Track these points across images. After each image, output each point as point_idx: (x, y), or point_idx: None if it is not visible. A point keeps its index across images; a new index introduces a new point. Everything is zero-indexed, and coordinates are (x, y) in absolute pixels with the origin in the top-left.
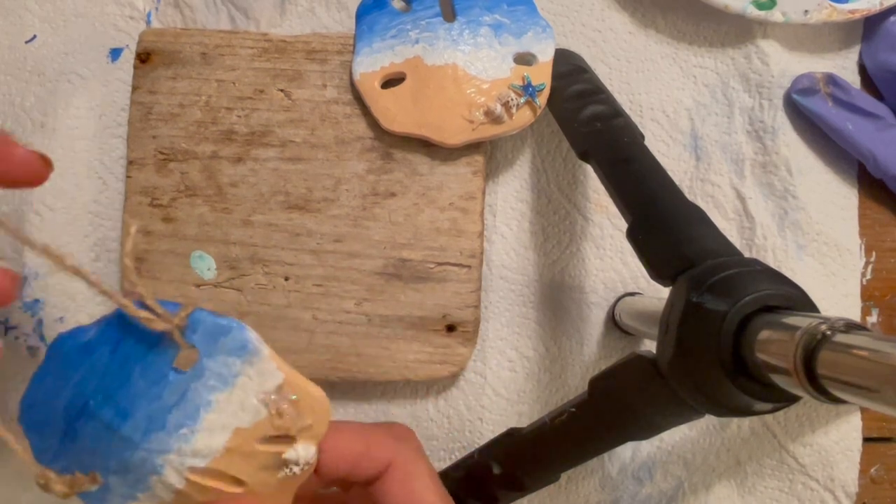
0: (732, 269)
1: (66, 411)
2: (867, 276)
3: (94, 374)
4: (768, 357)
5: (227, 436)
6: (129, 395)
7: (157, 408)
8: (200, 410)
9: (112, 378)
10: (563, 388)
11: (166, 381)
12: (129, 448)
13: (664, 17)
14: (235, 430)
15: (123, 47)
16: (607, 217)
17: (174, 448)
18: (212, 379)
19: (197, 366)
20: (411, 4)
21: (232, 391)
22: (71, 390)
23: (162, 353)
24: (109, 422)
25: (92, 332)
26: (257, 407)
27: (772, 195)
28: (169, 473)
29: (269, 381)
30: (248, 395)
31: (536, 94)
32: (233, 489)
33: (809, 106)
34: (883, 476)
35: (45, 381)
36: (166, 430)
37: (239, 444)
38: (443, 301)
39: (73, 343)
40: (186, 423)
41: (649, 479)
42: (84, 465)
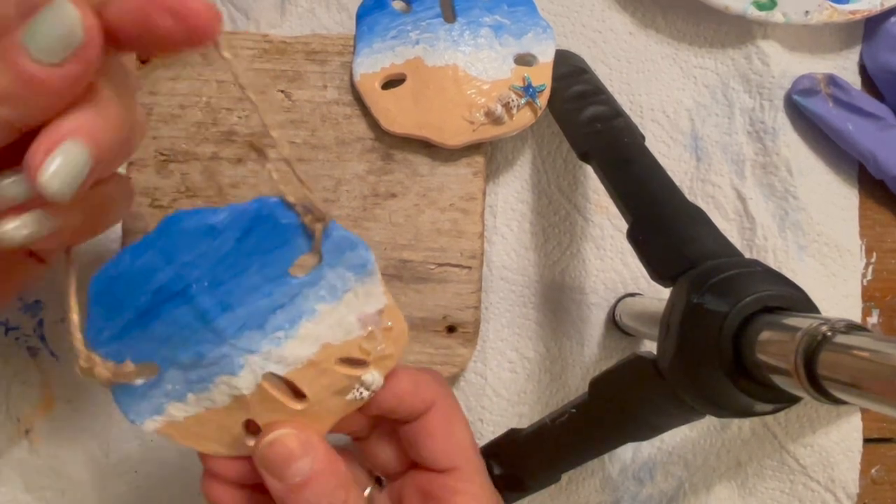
0: (733, 270)
1: (158, 291)
2: (868, 276)
3: (209, 258)
4: (769, 358)
5: (315, 349)
6: (240, 288)
7: (262, 306)
8: (302, 317)
9: (227, 267)
10: (563, 389)
11: (282, 281)
12: (216, 341)
13: (664, 17)
14: (324, 345)
15: None
16: (607, 217)
17: (263, 349)
18: (324, 289)
19: (315, 272)
20: (411, 5)
21: (337, 305)
22: (174, 270)
23: (286, 254)
24: (206, 311)
25: (222, 217)
26: (352, 326)
27: (772, 196)
28: (244, 375)
29: (372, 303)
30: (349, 313)
31: (537, 94)
32: (294, 404)
33: (810, 107)
34: (883, 477)
35: (143, 255)
36: (262, 330)
37: (321, 359)
38: (443, 302)
39: (197, 222)
40: (284, 326)
41: (650, 480)
42: (142, 353)
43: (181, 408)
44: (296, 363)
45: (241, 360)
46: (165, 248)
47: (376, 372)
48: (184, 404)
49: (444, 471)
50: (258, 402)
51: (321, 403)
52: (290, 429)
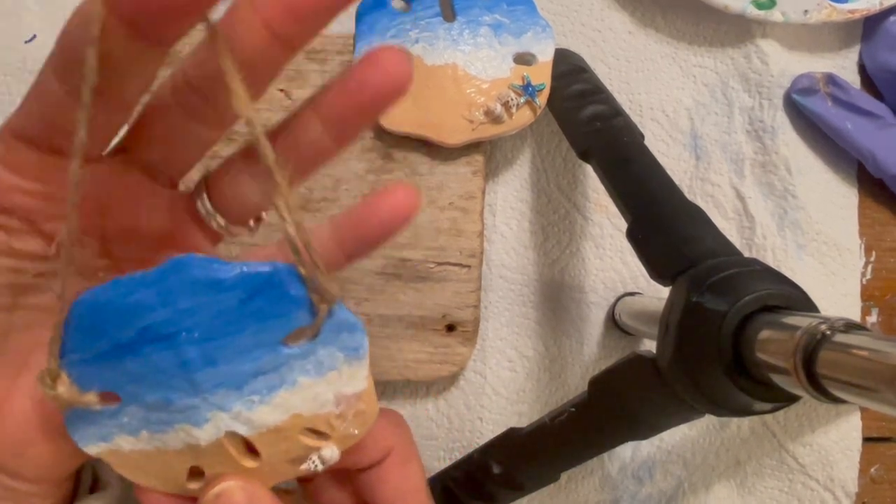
0: (732, 269)
1: (145, 329)
2: (867, 275)
3: (207, 311)
4: (768, 357)
5: (285, 417)
6: (229, 347)
7: (246, 369)
8: (282, 387)
9: (223, 323)
10: (562, 388)
11: (272, 349)
12: (189, 392)
13: (664, 16)
14: (294, 415)
15: None
16: (607, 217)
17: (233, 409)
18: (311, 364)
19: (307, 346)
20: (411, 4)
21: (318, 381)
22: (168, 313)
23: (285, 323)
24: (189, 361)
25: (233, 274)
26: (327, 402)
27: (771, 195)
28: (207, 429)
29: (353, 385)
30: (328, 390)
31: (536, 93)
32: (246, 462)
33: (809, 106)
34: (883, 476)
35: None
36: (239, 392)
37: (287, 427)
38: (443, 301)
39: (205, 273)
40: (261, 392)
41: (649, 479)
42: (107, 383)
43: (131, 441)
44: (261, 427)
45: (208, 414)
46: (165, 290)
47: (336, 448)
48: (135, 439)
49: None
50: (211, 454)
51: (273, 466)
52: (237, 481)
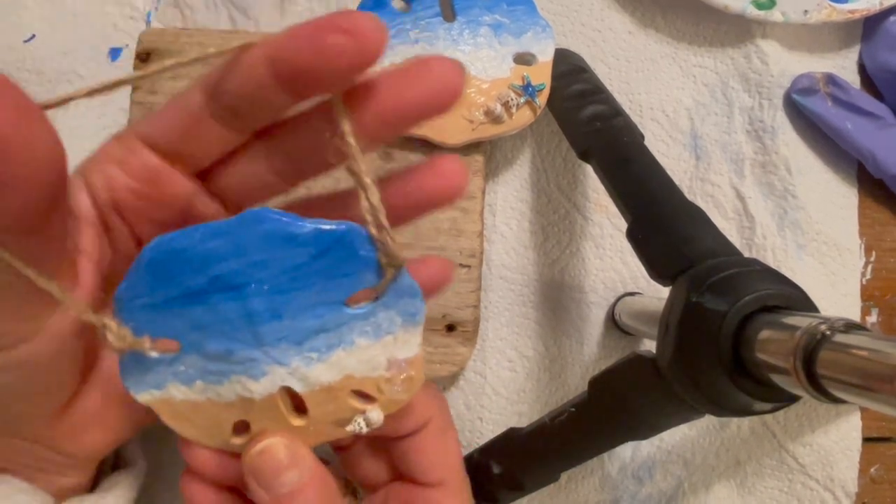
0: (732, 269)
1: (216, 279)
2: (867, 275)
3: (278, 265)
4: (768, 357)
5: (338, 377)
6: (295, 302)
7: (309, 325)
8: (338, 346)
9: (292, 278)
10: (562, 388)
11: (336, 307)
12: (251, 344)
13: (664, 16)
14: (347, 375)
15: (123, 47)
16: (607, 217)
17: (292, 365)
18: (370, 326)
19: (367, 308)
20: (411, 4)
21: (375, 343)
22: (239, 264)
23: (351, 283)
24: (255, 313)
25: (306, 229)
26: (379, 365)
27: (771, 195)
28: (263, 382)
29: (406, 351)
30: (382, 353)
31: (536, 93)
32: (294, 420)
33: (809, 106)
34: (883, 476)
35: (215, 240)
36: (299, 347)
37: (338, 387)
38: (442, 301)
39: (280, 227)
40: (320, 349)
41: (649, 479)
42: (170, 330)
43: (184, 391)
44: (315, 385)
45: (267, 367)
46: (240, 241)
47: (381, 412)
48: (188, 388)
49: (432, 485)
50: (262, 408)
51: (319, 425)
52: (280, 438)
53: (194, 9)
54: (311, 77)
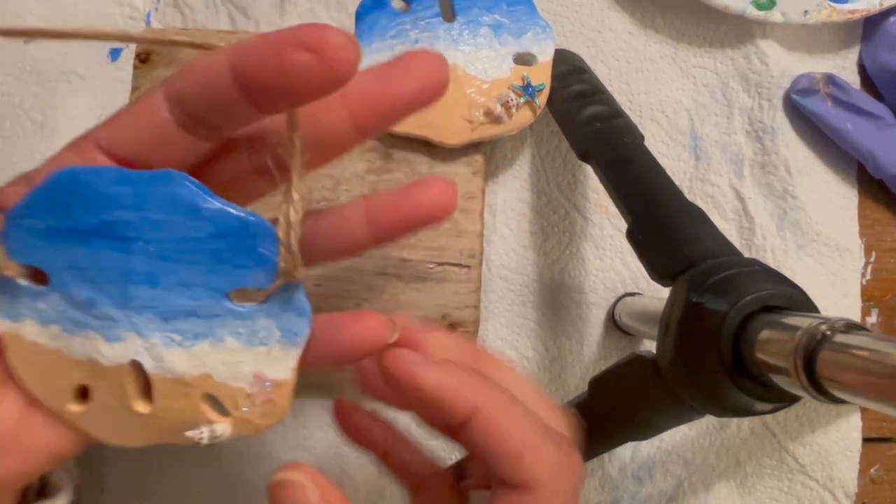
0: (732, 270)
1: (108, 224)
2: (867, 276)
3: (172, 232)
4: (768, 357)
5: (195, 372)
6: (176, 274)
7: (182, 303)
8: (205, 338)
9: (182, 250)
10: (562, 388)
11: (216, 296)
12: (117, 302)
13: (664, 17)
14: (205, 374)
15: (123, 47)
16: (607, 217)
17: (150, 339)
18: (244, 328)
19: (248, 309)
20: (411, 4)
21: (244, 349)
22: (135, 217)
23: (239, 277)
24: (133, 271)
25: (213, 206)
26: (243, 376)
27: (771, 195)
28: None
29: (276, 370)
30: (249, 363)
31: (536, 94)
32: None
33: (809, 106)
34: (882, 476)
35: (121, 186)
36: (163, 323)
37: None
38: (442, 301)
39: (187, 194)
40: (185, 334)
41: (649, 479)
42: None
43: (37, 330)
44: (168, 371)
45: (124, 333)
46: (144, 195)
47: (230, 428)
48: (42, 329)
49: (521, 487)
50: (107, 377)
51: (159, 421)
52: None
53: (194, 9)
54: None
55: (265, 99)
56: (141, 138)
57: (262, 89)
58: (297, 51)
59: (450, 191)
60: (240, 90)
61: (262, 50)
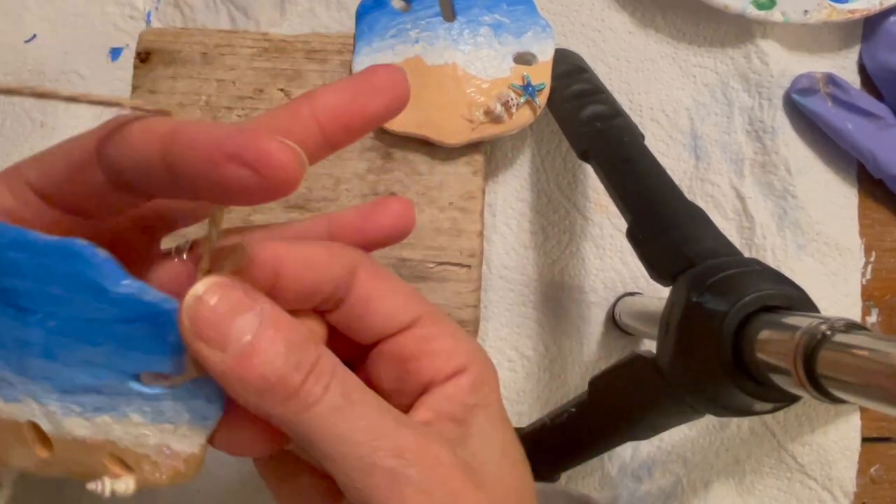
0: (732, 269)
1: (4, 291)
2: (867, 275)
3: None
4: (768, 357)
5: (97, 437)
6: (77, 353)
7: (83, 382)
8: (108, 412)
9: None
10: (562, 388)
11: (121, 377)
12: (12, 367)
13: (664, 16)
14: (108, 440)
15: (123, 47)
16: (607, 217)
17: (48, 406)
18: (150, 408)
19: (156, 391)
20: (411, 4)
21: (150, 426)
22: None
23: (145, 361)
24: (29, 343)
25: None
26: (149, 447)
27: (771, 195)
28: (10, 406)
29: (183, 445)
30: (157, 437)
31: (536, 93)
32: (39, 450)
33: (809, 106)
34: (882, 476)
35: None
36: (62, 395)
37: (94, 445)
38: (443, 300)
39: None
40: (85, 407)
41: (648, 478)
42: None
43: None
44: (67, 435)
45: (21, 396)
46: (45, 267)
47: (133, 484)
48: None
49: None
50: (7, 427)
51: (63, 466)
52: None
53: (194, 8)
54: (205, 194)
55: (196, 193)
56: (73, 189)
57: (194, 187)
58: (233, 164)
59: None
60: (171, 178)
61: (197, 151)
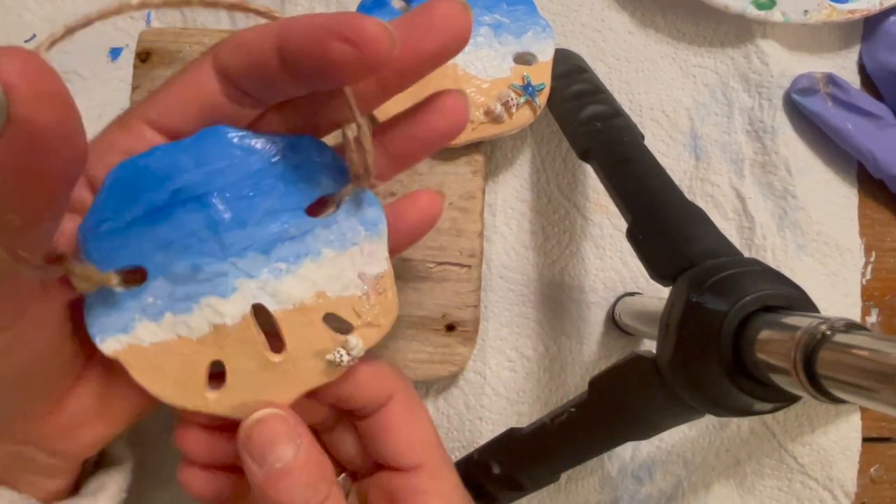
0: (732, 269)
1: (178, 191)
2: (867, 275)
3: (237, 172)
4: (768, 357)
5: (310, 293)
6: (258, 208)
7: (274, 232)
8: (307, 256)
9: (253, 184)
10: (562, 388)
11: (298, 214)
12: (218, 256)
13: (664, 16)
14: (319, 293)
15: (123, 47)
16: (607, 217)
17: (261, 276)
18: (334, 234)
19: (329, 217)
20: (411, 4)
21: (341, 255)
22: (200, 174)
23: (309, 189)
24: (219, 221)
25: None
26: (351, 282)
27: (771, 195)
28: (234, 300)
29: (374, 265)
30: (351, 267)
31: (536, 93)
32: (271, 355)
33: (809, 106)
34: (882, 476)
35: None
36: (266, 257)
37: (312, 308)
38: (442, 300)
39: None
40: (288, 259)
41: (649, 479)
42: (137, 254)
43: (152, 329)
44: (288, 302)
45: (236, 282)
46: (199, 153)
47: (361, 340)
48: (157, 325)
49: (409, 469)
50: (236, 339)
51: (298, 362)
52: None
53: (194, 8)
54: (317, 76)
55: (308, 79)
56: (189, 110)
57: (306, 71)
58: (337, 41)
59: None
60: (284, 70)
61: (306, 36)
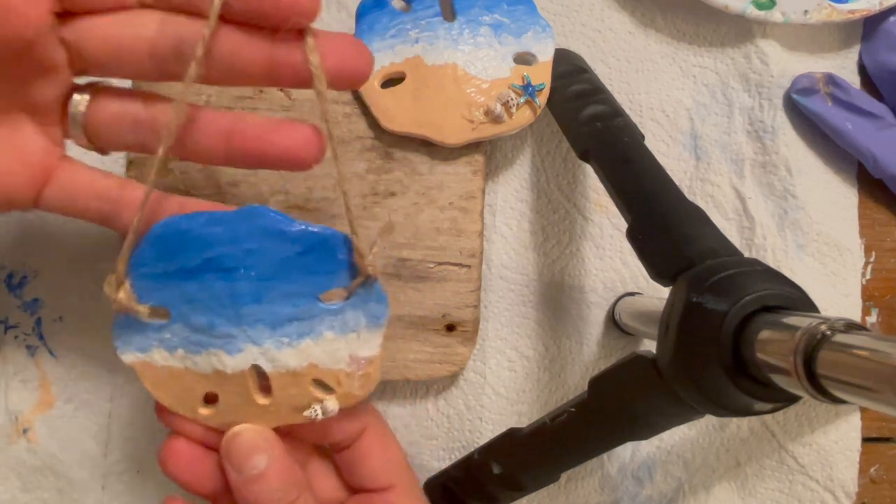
0: (732, 269)
1: (210, 260)
2: (867, 276)
3: (267, 256)
4: (768, 357)
5: (304, 364)
6: (277, 290)
7: (285, 313)
8: (309, 335)
9: (277, 269)
10: (562, 388)
11: (311, 300)
12: (232, 322)
13: (664, 16)
14: (311, 364)
15: None
16: (607, 217)
17: (264, 345)
18: (337, 321)
19: (338, 306)
20: (411, 4)
21: (340, 338)
22: (233, 250)
23: (327, 281)
24: (241, 295)
25: (296, 228)
26: (341, 359)
27: (771, 195)
28: (237, 358)
29: (367, 350)
30: (345, 348)
31: (536, 93)
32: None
33: (809, 106)
34: (882, 476)
35: (215, 227)
36: (273, 331)
37: (302, 373)
38: (442, 300)
39: (274, 223)
40: (291, 336)
41: (649, 480)
42: (164, 299)
43: (166, 356)
44: (282, 367)
45: (242, 345)
46: (237, 231)
47: (337, 403)
48: (170, 354)
49: (383, 489)
50: (232, 383)
51: (280, 408)
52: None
53: None
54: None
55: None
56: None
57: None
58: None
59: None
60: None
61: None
